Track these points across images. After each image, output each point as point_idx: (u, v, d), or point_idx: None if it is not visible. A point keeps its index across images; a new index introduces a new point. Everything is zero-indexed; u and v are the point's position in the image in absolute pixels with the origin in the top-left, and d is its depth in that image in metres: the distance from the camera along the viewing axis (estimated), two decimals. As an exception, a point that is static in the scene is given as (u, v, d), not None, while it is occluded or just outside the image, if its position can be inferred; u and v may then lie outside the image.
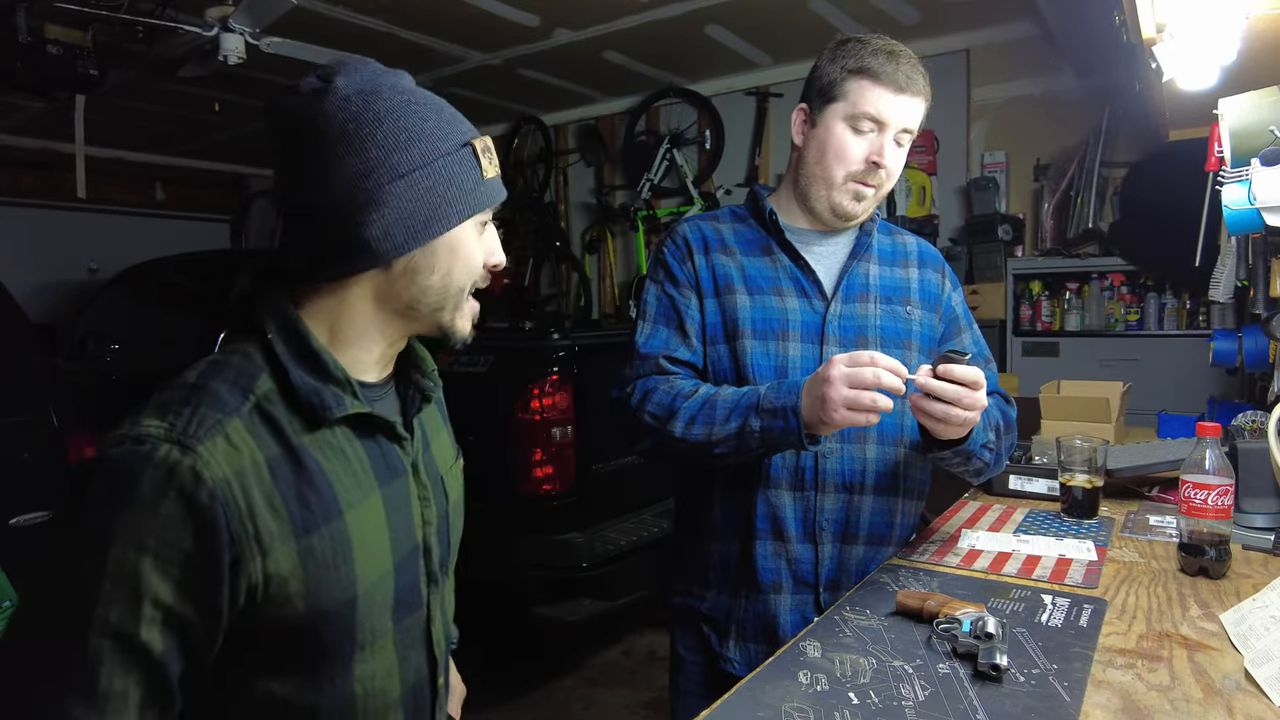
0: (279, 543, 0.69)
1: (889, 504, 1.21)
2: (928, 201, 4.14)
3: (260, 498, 0.68)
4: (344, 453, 0.76)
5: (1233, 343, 2.06)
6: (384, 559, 0.79)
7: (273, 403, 0.73)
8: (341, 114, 0.74)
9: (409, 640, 0.84)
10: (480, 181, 0.79)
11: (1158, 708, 0.78)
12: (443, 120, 0.78)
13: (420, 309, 0.80)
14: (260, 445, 0.70)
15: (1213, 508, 1.11)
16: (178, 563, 0.65)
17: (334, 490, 0.74)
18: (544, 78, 4.85)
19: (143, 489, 0.64)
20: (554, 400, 2.79)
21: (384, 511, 0.79)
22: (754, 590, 1.19)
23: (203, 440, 0.66)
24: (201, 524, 0.65)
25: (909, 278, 1.29)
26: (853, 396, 0.97)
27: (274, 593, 0.70)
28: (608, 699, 2.92)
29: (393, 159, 0.74)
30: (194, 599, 0.66)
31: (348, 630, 0.76)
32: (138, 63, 4.19)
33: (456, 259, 0.79)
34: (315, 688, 0.75)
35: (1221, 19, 1.32)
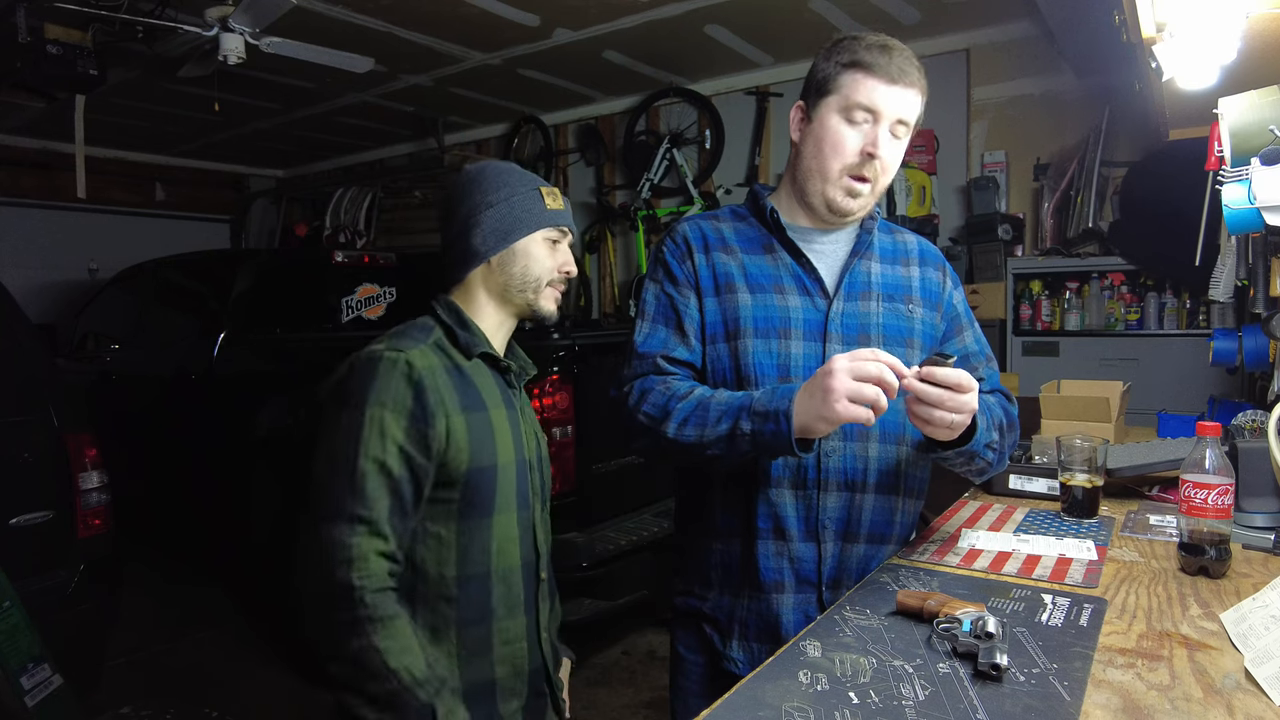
0: (454, 412, 1.12)
1: (890, 503, 1.21)
2: (928, 201, 4.14)
3: (442, 384, 1.12)
4: (485, 376, 1.21)
5: (1233, 342, 2.06)
6: (510, 450, 1.19)
7: (443, 343, 1.18)
8: (465, 181, 1.24)
9: (524, 527, 1.21)
10: (543, 210, 1.23)
11: (1158, 707, 0.78)
12: (523, 178, 1.25)
13: (511, 291, 1.23)
14: (438, 358, 1.15)
15: (1213, 507, 1.11)
16: (405, 414, 1.07)
17: (480, 394, 1.17)
18: (544, 78, 4.85)
19: (381, 370, 1.09)
20: (554, 400, 2.79)
21: (507, 420, 1.20)
22: (756, 590, 1.19)
23: (407, 350, 1.11)
24: (417, 391, 1.08)
25: (910, 276, 1.29)
26: (855, 389, 0.97)
27: (453, 444, 1.11)
28: (608, 699, 2.92)
29: (487, 198, 1.21)
30: (415, 439, 1.08)
31: (492, 489, 1.15)
32: (138, 63, 4.20)
33: (530, 259, 1.23)
34: (468, 534, 1.13)
35: (1221, 19, 1.32)
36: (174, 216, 7.09)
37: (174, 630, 3.40)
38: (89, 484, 2.44)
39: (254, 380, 3.39)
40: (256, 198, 7.66)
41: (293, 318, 3.70)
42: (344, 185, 6.66)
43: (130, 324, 4.29)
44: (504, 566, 1.17)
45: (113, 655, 2.77)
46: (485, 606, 1.15)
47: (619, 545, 2.88)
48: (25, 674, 2.00)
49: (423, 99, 5.21)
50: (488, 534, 1.15)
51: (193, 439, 3.55)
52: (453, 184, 1.26)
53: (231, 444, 3.34)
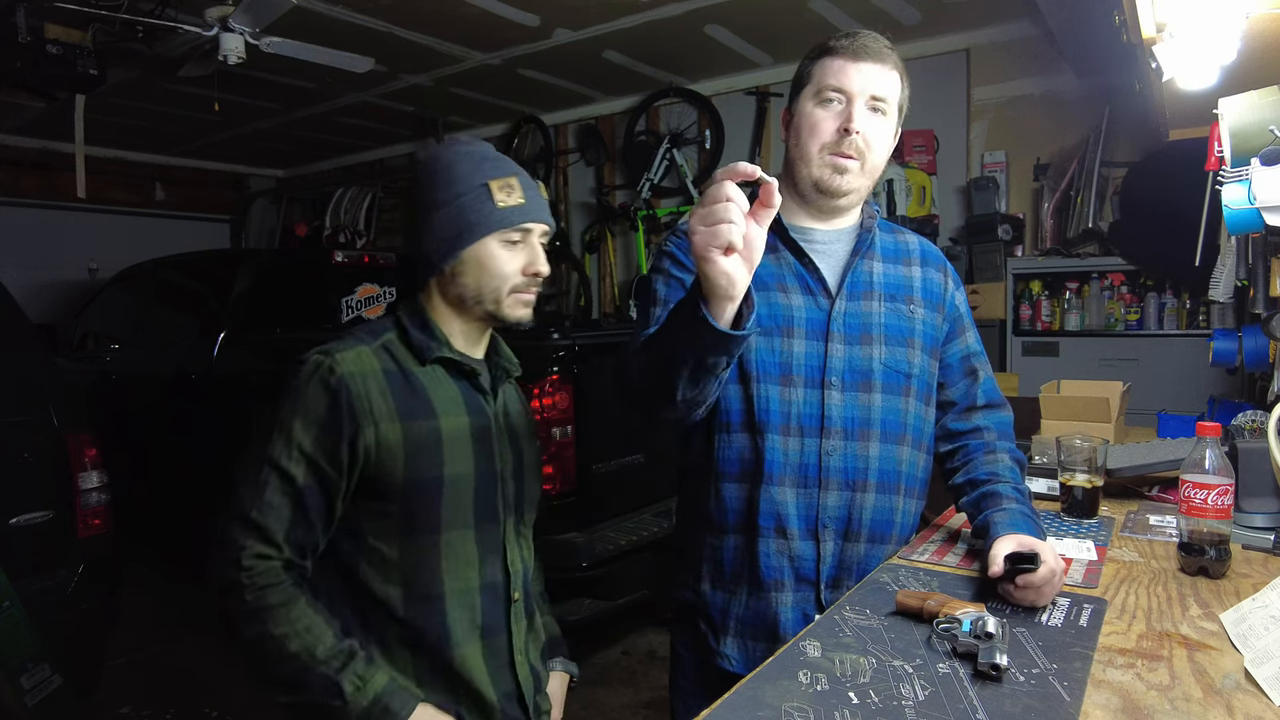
0: (387, 420, 1.05)
1: (890, 502, 1.21)
2: (928, 201, 4.14)
3: (375, 390, 1.06)
4: (441, 382, 1.13)
5: (1233, 342, 2.06)
6: (465, 462, 1.11)
7: (394, 345, 1.12)
8: (419, 171, 1.14)
9: (488, 544, 1.13)
10: (493, 210, 1.10)
11: (1158, 707, 0.78)
12: (475, 170, 1.12)
13: (468, 301, 1.14)
14: (379, 361, 1.08)
15: (1213, 507, 1.11)
16: (315, 422, 1.03)
17: (431, 402, 1.10)
18: (544, 77, 4.85)
19: (302, 376, 1.05)
20: (554, 400, 2.79)
21: (469, 430, 1.13)
22: (756, 587, 1.19)
23: (338, 352, 1.06)
24: (333, 399, 1.03)
25: (912, 276, 1.29)
26: (705, 214, 0.83)
27: (384, 455, 1.05)
28: (608, 699, 2.92)
29: (434, 198, 1.11)
30: (325, 449, 1.03)
31: (436, 504, 1.07)
32: (138, 63, 4.19)
33: (484, 267, 1.11)
34: (413, 552, 1.07)
35: (1221, 19, 1.32)
36: (174, 216, 7.09)
37: (174, 630, 3.40)
38: (89, 484, 2.44)
39: (254, 380, 3.39)
40: (256, 198, 7.66)
41: (293, 318, 3.70)
42: (344, 185, 6.66)
43: (130, 324, 4.29)
44: (460, 588, 1.10)
45: (113, 655, 2.76)
46: (438, 631, 1.08)
47: (619, 545, 2.88)
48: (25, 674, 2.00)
49: (423, 99, 5.21)
50: (434, 553, 1.08)
51: (193, 439, 3.55)
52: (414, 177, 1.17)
53: (232, 444, 3.34)
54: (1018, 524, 1.10)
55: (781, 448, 1.17)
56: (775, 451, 1.17)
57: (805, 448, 1.17)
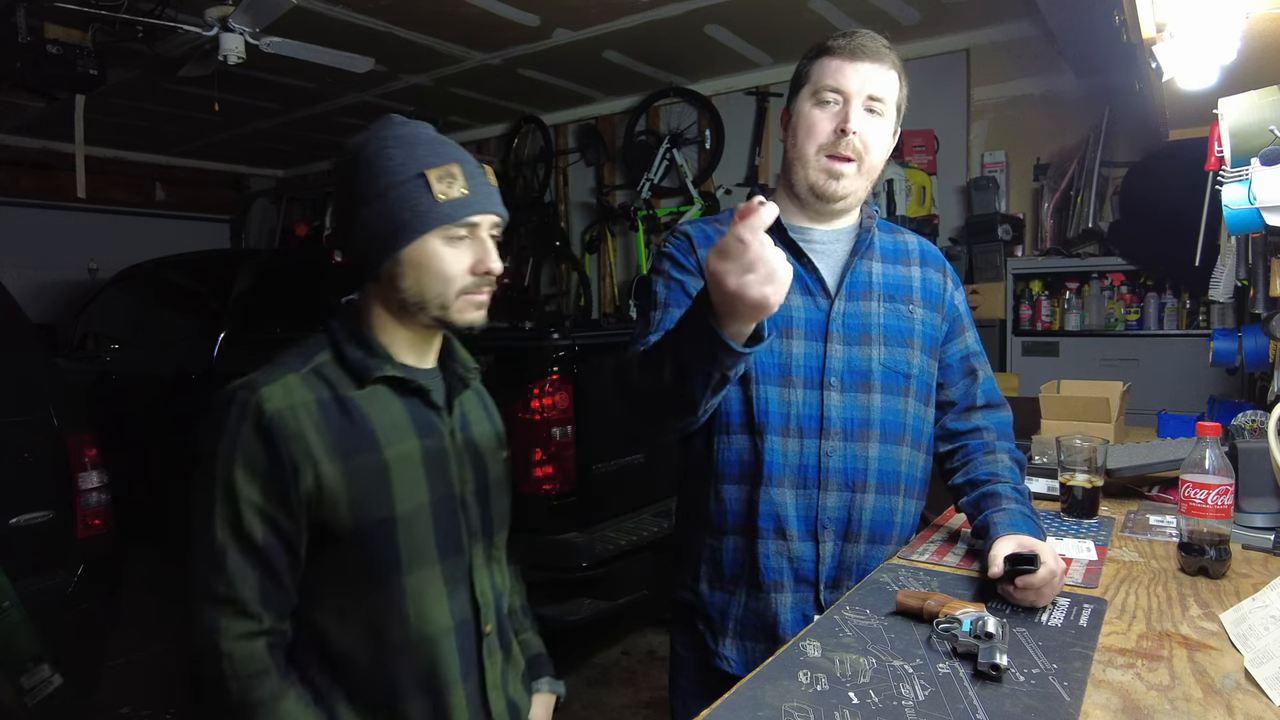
0: (326, 459, 0.93)
1: (890, 502, 1.21)
2: (928, 201, 4.14)
3: (309, 425, 0.93)
4: (386, 407, 0.99)
5: (1233, 342, 2.06)
6: (420, 494, 0.99)
7: (328, 367, 0.98)
8: (344, 161, 0.99)
9: (455, 578, 1.03)
10: (433, 205, 0.96)
11: (1158, 707, 0.78)
12: (409, 157, 0.97)
13: (410, 307, 1.00)
14: (312, 390, 0.95)
15: (1213, 507, 1.11)
16: (258, 471, 0.90)
17: (374, 431, 0.97)
18: (544, 78, 4.85)
19: (231, 416, 0.91)
20: (554, 400, 2.79)
21: (421, 457, 1.00)
22: (755, 588, 1.19)
23: (264, 385, 0.93)
24: (268, 439, 0.90)
25: (911, 276, 1.28)
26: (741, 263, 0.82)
27: (326, 499, 0.93)
28: (608, 699, 2.92)
29: (363, 191, 0.97)
30: (275, 497, 0.91)
31: (392, 545, 0.96)
32: (138, 63, 4.19)
33: (424, 269, 0.98)
34: (376, 602, 0.96)
35: (1221, 19, 1.32)
36: (174, 216, 7.08)
37: (174, 630, 3.40)
38: (89, 484, 2.44)
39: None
40: (256, 198, 7.66)
41: (293, 317, 3.70)
42: (344, 185, 6.65)
43: (130, 324, 4.29)
44: (428, 632, 0.99)
45: (113, 655, 2.76)
46: (407, 681, 0.98)
47: (619, 545, 2.88)
48: (25, 674, 2.00)
49: (423, 99, 5.21)
50: (399, 598, 0.97)
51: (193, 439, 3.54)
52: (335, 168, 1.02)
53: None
54: (1017, 524, 1.10)
55: (781, 449, 1.17)
56: (774, 453, 1.17)
57: (804, 449, 1.17)
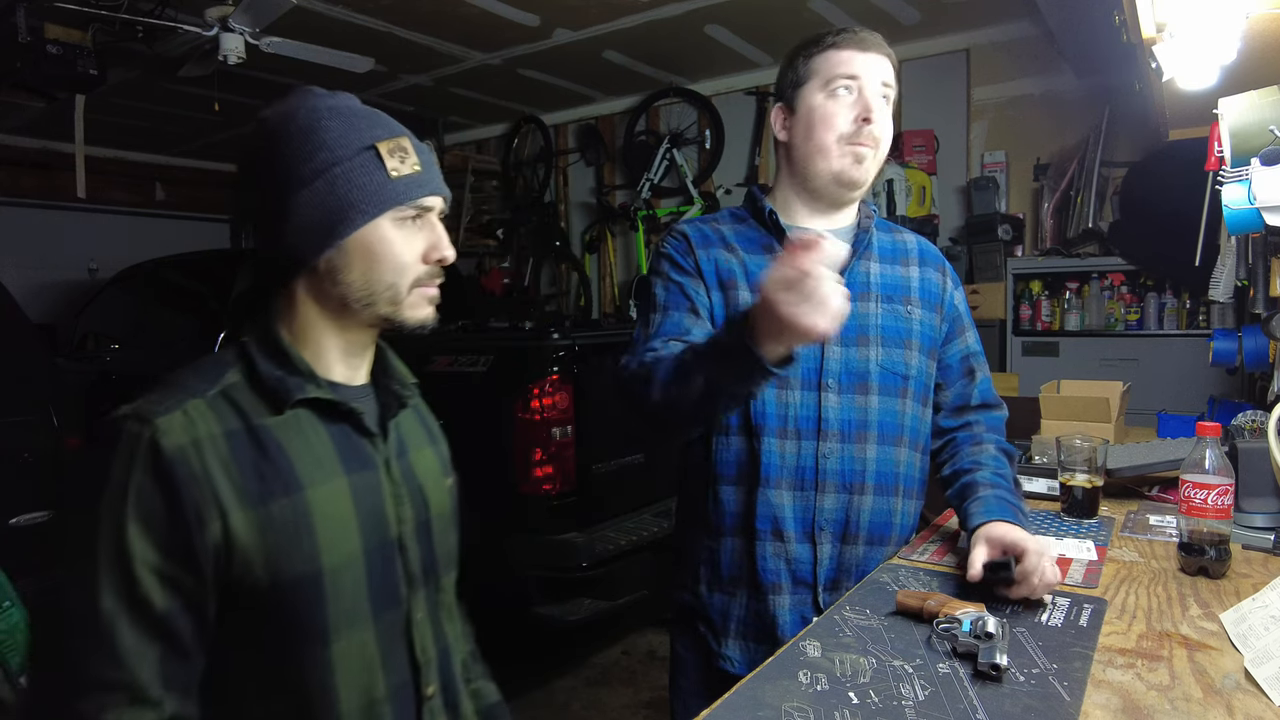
0: (236, 507, 0.75)
1: (888, 504, 1.21)
2: (928, 201, 4.14)
3: (217, 465, 0.75)
4: (307, 437, 0.82)
5: (1233, 342, 2.06)
6: (351, 542, 0.82)
7: (238, 390, 0.80)
8: (263, 139, 0.83)
9: (391, 639, 0.86)
10: (386, 182, 0.83)
11: (1158, 707, 0.78)
12: (350, 129, 0.83)
13: (352, 305, 0.85)
14: (219, 421, 0.77)
15: (1213, 507, 1.11)
16: (154, 524, 0.72)
17: (294, 467, 0.80)
18: (544, 78, 4.85)
19: (119, 459, 0.72)
20: (554, 400, 2.79)
21: (350, 496, 0.83)
22: (754, 590, 1.19)
23: (160, 415, 0.74)
24: (166, 486, 0.72)
25: (909, 276, 1.28)
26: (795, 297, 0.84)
27: (237, 555, 0.75)
28: (608, 699, 2.92)
29: (296, 171, 0.81)
30: (176, 555, 0.73)
31: (318, 606, 0.79)
32: (138, 63, 4.19)
33: (375, 257, 0.84)
34: (297, 667, 0.79)
35: (1221, 19, 1.32)
36: (174, 216, 7.08)
37: None
38: (89, 484, 2.44)
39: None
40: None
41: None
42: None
43: (130, 324, 4.29)
44: (361, 704, 0.82)
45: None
46: None
47: (619, 545, 2.88)
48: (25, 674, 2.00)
49: (423, 99, 5.21)
50: (325, 667, 0.80)
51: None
52: (249, 138, 0.85)
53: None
54: (991, 510, 1.10)
55: (778, 450, 1.17)
56: (772, 454, 1.17)
57: (802, 450, 1.17)
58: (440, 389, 3.25)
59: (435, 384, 3.61)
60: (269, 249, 0.84)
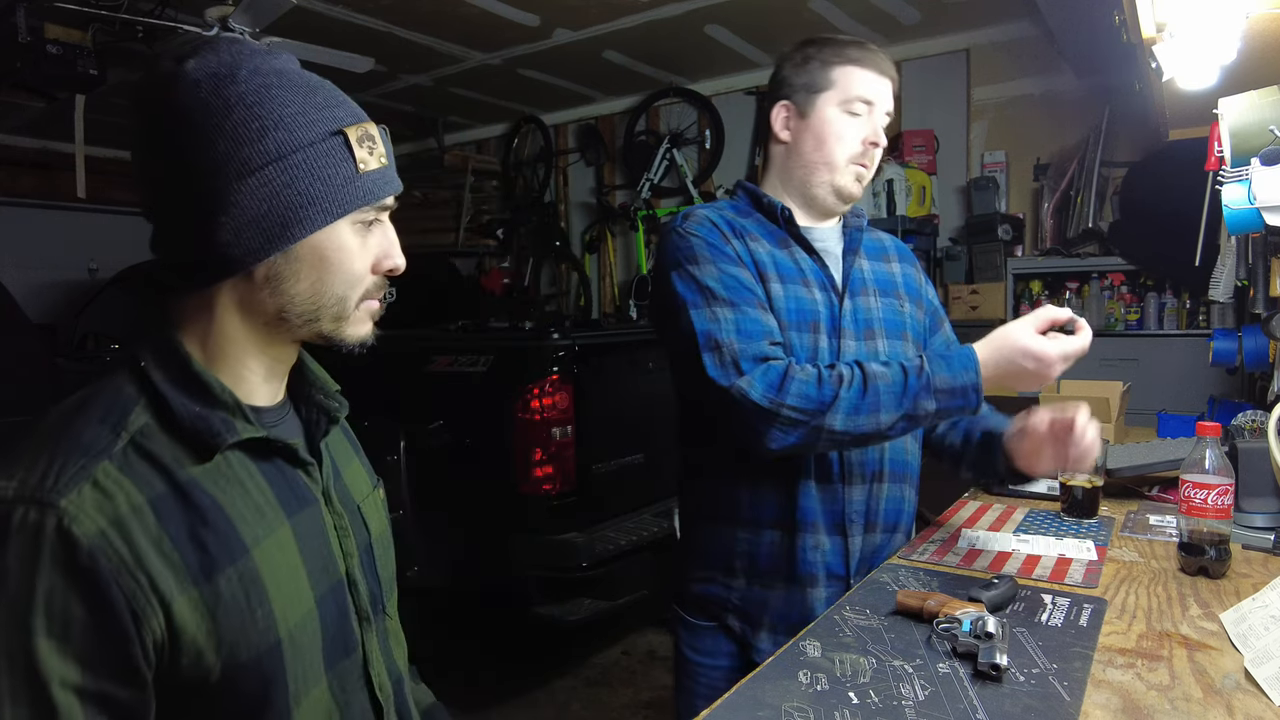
0: (178, 592, 0.62)
1: (901, 491, 1.25)
2: (928, 201, 4.14)
3: (147, 544, 0.61)
4: (242, 484, 0.69)
5: (1233, 342, 2.06)
6: (304, 597, 0.71)
7: (151, 437, 0.65)
8: (189, 101, 0.65)
9: (347, 686, 0.76)
10: (354, 176, 0.70)
11: (1158, 707, 0.78)
12: (310, 105, 0.69)
13: (291, 319, 0.71)
14: (139, 486, 0.62)
15: (1213, 507, 1.11)
16: (73, 636, 0.58)
17: (235, 526, 0.66)
18: (544, 77, 4.85)
19: (10, 558, 0.57)
20: (554, 400, 2.79)
21: (296, 545, 0.72)
22: (792, 583, 1.19)
23: (64, 493, 0.58)
24: (87, 587, 0.58)
25: (893, 272, 1.33)
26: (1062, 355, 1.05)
27: (185, 648, 0.62)
28: (608, 699, 2.92)
29: (242, 152, 0.65)
30: (105, 669, 0.59)
31: (277, 682, 0.68)
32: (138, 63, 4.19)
33: (328, 266, 0.70)
34: None
35: (1221, 19, 1.32)
36: (174, 216, 7.08)
37: None
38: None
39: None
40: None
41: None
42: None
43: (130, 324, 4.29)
44: None
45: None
46: None
47: (619, 545, 2.88)
48: None
49: (423, 99, 5.21)
50: None
51: None
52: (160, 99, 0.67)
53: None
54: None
55: None
56: None
57: None
58: (440, 389, 3.24)
59: (435, 384, 3.60)
60: (184, 246, 0.68)
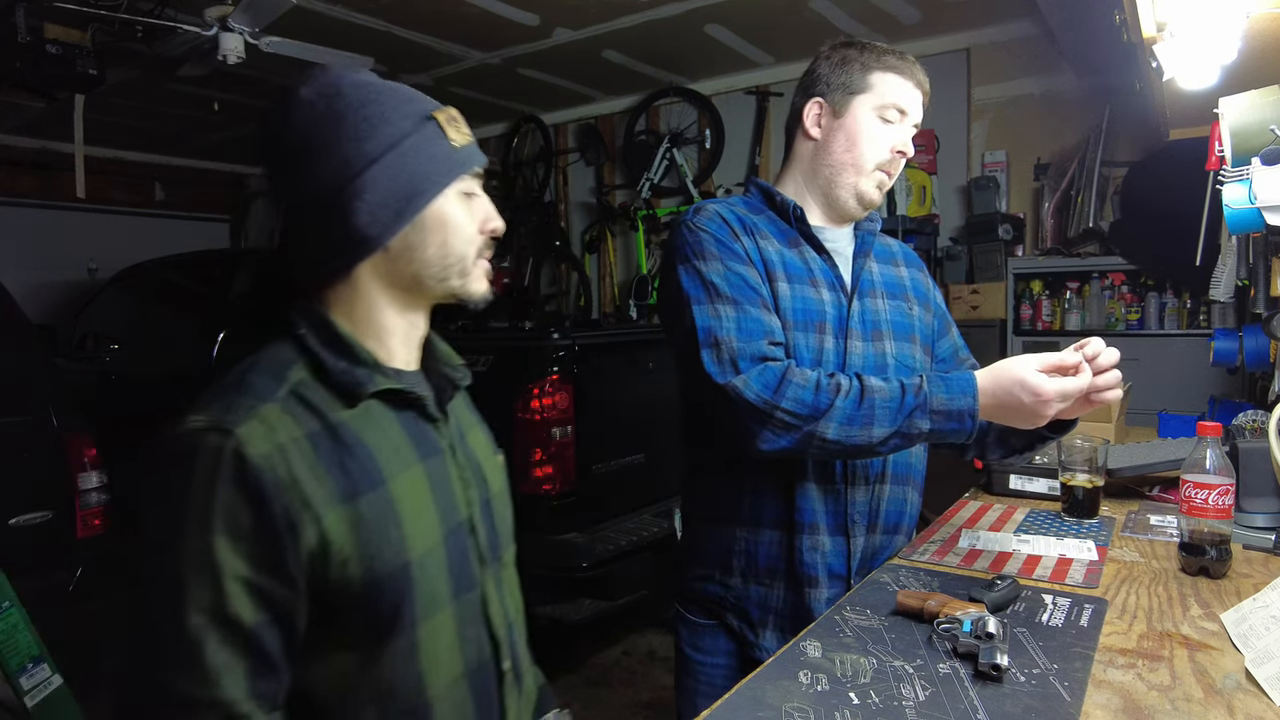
0: (328, 508, 0.74)
1: (903, 493, 1.24)
2: (928, 201, 4.14)
3: (304, 468, 0.74)
4: (382, 428, 0.81)
5: (1233, 342, 2.06)
6: (433, 528, 0.83)
7: (308, 388, 0.78)
8: (310, 118, 0.79)
9: (467, 618, 0.87)
10: (451, 151, 0.83)
11: (1158, 707, 0.78)
12: (400, 100, 0.82)
13: (427, 281, 0.84)
14: (297, 423, 0.75)
15: (1213, 507, 1.11)
16: (244, 537, 0.70)
17: (375, 460, 0.79)
18: (544, 77, 4.85)
19: (198, 473, 0.70)
20: (554, 400, 2.79)
21: (427, 484, 0.84)
22: (793, 583, 1.19)
23: (239, 424, 0.72)
24: (254, 498, 0.71)
25: (901, 275, 1.33)
26: (1061, 396, 1.02)
27: (332, 557, 0.74)
28: (608, 699, 2.92)
29: (363, 148, 0.78)
30: (267, 568, 0.71)
31: (407, 597, 0.79)
32: (137, 63, 4.19)
33: (448, 228, 0.83)
34: (384, 661, 0.79)
35: (1222, 18, 1.32)
36: (174, 216, 7.08)
37: None
38: (88, 484, 2.45)
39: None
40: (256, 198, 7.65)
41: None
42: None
43: (130, 324, 4.29)
44: (446, 684, 0.83)
45: (113, 654, 2.77)
46: None
47: (619, 545, 2.88)
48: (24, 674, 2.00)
49: (423, 99, 5.21)
50: (413, 656, 0.80)
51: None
52: (283, 124, 0.80)
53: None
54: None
55: None
56: None
57: None
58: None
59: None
60: (325, 240, 0.81)
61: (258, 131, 0.84)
